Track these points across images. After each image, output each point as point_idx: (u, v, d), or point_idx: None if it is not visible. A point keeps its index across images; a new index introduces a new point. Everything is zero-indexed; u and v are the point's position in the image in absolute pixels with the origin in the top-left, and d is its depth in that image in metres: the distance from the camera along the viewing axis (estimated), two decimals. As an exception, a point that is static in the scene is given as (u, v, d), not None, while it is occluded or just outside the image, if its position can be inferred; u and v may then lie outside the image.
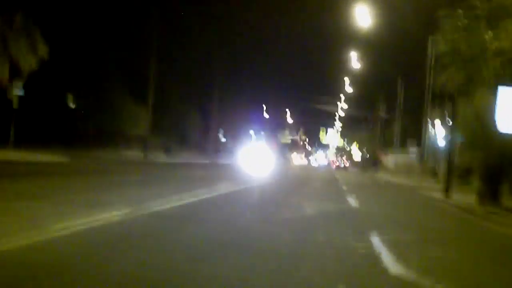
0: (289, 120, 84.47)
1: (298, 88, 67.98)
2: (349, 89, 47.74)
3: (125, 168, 17.63)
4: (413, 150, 33.71)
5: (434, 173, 28.60)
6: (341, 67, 44.66)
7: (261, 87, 61.81)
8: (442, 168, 27.16)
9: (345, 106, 58.98)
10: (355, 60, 40.21)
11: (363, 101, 46.04)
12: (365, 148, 51.92)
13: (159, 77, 31.67)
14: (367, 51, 38.56)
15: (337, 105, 58.06)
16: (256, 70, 59.12)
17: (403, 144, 36.45)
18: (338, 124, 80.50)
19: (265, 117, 72.14)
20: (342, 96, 56.13)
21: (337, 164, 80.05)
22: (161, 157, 31.57)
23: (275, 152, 74.82)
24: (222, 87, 43.47)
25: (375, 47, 36.95)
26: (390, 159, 40.70)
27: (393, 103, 38.54)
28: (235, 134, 54.04)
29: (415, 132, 41.86)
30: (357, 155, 68.37)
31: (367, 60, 39.65)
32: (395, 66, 35.69)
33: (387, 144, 43.00)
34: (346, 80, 47.39)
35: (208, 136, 43.77)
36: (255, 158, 30.79)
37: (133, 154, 30.03)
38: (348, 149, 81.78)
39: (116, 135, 32.02)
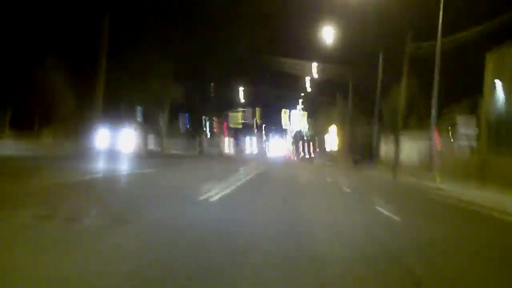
0: (243, 100, 66.99)
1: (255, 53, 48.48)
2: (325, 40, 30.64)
3: None
4: (466, 129, 16.99)
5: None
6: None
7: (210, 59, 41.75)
8: None
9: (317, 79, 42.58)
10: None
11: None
12: (352, 131, 34.88)
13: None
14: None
15: (309, 68, 41.16)
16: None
17: (420, 124, 20.25)
18: (303, 103, 64.46)
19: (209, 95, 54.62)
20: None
21: (301, 155, 65.28)
22: None
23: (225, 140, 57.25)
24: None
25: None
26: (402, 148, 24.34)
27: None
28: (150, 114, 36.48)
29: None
30: (330, 143, 51.95)
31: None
32: None
33: (391, 124, 26.76)
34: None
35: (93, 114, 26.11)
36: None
37: None
38: (309, 136, 65.86)
39: None
